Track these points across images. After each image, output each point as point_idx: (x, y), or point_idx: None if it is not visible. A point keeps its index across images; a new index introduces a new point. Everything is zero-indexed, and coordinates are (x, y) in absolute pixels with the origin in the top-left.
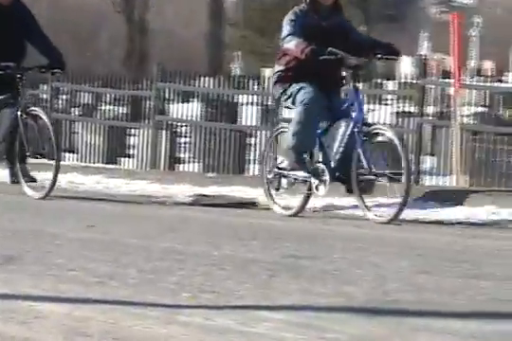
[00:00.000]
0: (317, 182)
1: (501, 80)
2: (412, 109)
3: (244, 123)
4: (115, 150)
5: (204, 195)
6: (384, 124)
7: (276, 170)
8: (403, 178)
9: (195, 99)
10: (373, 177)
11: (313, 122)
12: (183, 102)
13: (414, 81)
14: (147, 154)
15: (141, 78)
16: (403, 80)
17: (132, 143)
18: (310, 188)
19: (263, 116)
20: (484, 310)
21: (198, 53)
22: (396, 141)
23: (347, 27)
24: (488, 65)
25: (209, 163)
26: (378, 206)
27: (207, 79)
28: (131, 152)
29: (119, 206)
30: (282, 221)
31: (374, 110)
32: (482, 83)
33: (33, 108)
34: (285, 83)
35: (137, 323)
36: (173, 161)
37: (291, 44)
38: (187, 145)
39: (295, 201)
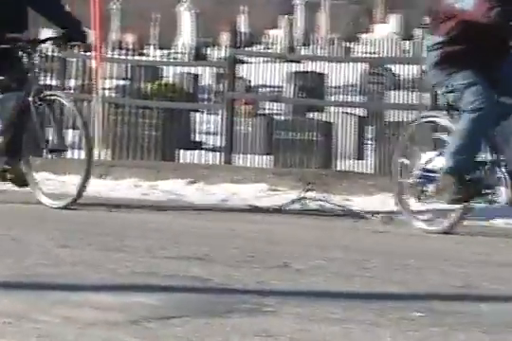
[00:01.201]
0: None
1: (142, 54)
2: (54, 82)
3: None
4: None
5: None
6: None
7: (420, 172)
8: None
9: None
10: None
11: (481, 138)
12: None
13: (55, 54)
14: None
15: None
16: (44, 54)
17: None
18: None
19: None
20: (124, 282)
21: None
22: None
23: None
24: (130, 38)
25: None
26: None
27: None
28: None
29: None
30: None
31: None
32: (123, 57)
33: (50, 92)
34: (448, 69)
35: None
36: None
37: (468, 4)
38: None
39: (444, 213)
